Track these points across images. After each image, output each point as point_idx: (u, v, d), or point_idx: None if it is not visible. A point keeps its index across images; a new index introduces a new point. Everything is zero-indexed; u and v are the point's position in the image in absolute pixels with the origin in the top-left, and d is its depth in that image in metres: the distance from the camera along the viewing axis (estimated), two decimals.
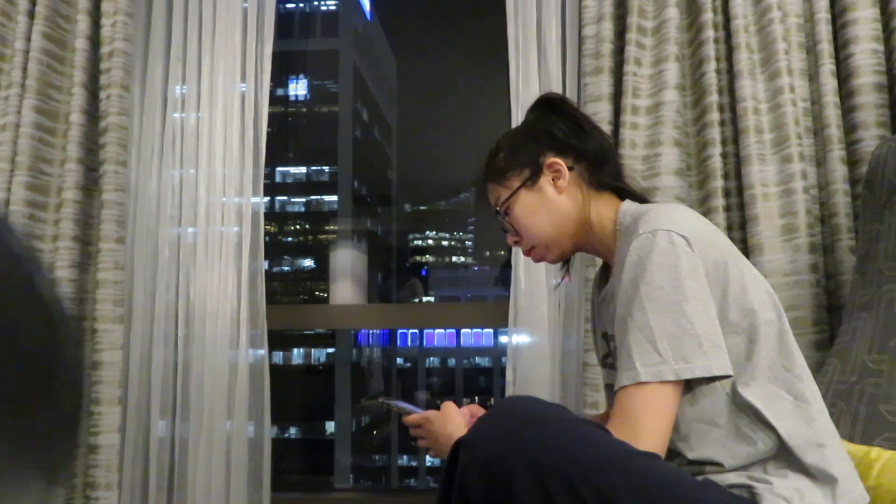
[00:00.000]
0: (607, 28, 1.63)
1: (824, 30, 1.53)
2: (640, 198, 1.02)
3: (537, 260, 1.06)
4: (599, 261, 1.19)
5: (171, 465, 1.77)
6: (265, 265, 1.80)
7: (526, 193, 1.01)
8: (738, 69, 1.54)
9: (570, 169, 1.00)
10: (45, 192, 1.75)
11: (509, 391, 1.69)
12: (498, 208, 1.05)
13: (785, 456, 0.82)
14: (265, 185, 1.84)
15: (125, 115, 1.75)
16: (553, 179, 1.00)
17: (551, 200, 1.00)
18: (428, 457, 0.92)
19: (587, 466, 0.71)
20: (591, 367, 1.56)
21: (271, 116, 1.86)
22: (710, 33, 1.57)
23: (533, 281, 1.71)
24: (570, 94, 1.74)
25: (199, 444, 1.74)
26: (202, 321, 1.77)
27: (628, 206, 0.98)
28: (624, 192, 1.03)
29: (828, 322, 1.48)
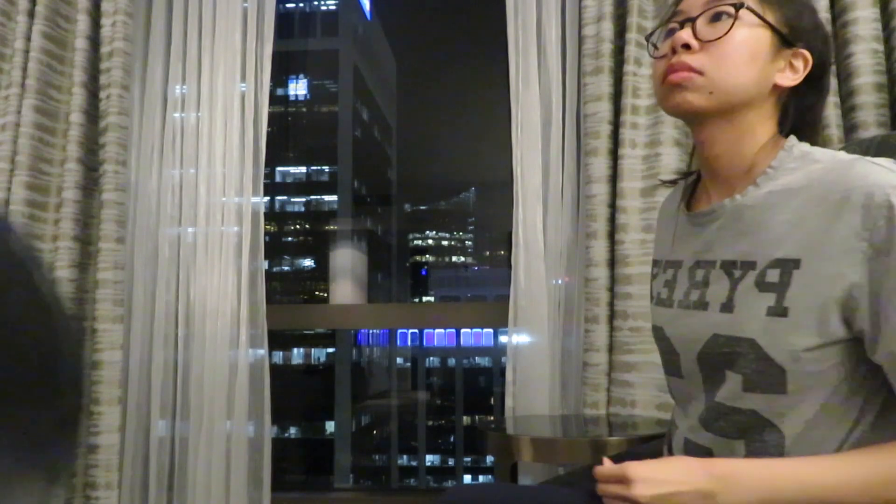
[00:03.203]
0: (607, 28, 1.63)
1: None
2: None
3: (677, 81, 0.79)
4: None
5: (171, 464, 1.77)
6: (265, 265, 1.80)
7: (766, 37, 0.79)
8: None
9: (794, 88, 0.81)
10: (45, 192, 1.75)
11: (509, 391, 1.69)
12: (728, 5, 0.78)
13: None
14: (265, 184, 1.84)
15: (125, 114, 1.75)
16: (784, 65, 0.80)
17: (767, 71, 0.80)
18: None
19: None
20: (590, 367, 1.56)
21: (271, 116, 1.86)
22: None
23: (533, 281, 1.71)
24: (570, 94, 1.74)
25: (199, 444, 1.74)
26: (202, 321, 1.77)
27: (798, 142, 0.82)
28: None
29: None
